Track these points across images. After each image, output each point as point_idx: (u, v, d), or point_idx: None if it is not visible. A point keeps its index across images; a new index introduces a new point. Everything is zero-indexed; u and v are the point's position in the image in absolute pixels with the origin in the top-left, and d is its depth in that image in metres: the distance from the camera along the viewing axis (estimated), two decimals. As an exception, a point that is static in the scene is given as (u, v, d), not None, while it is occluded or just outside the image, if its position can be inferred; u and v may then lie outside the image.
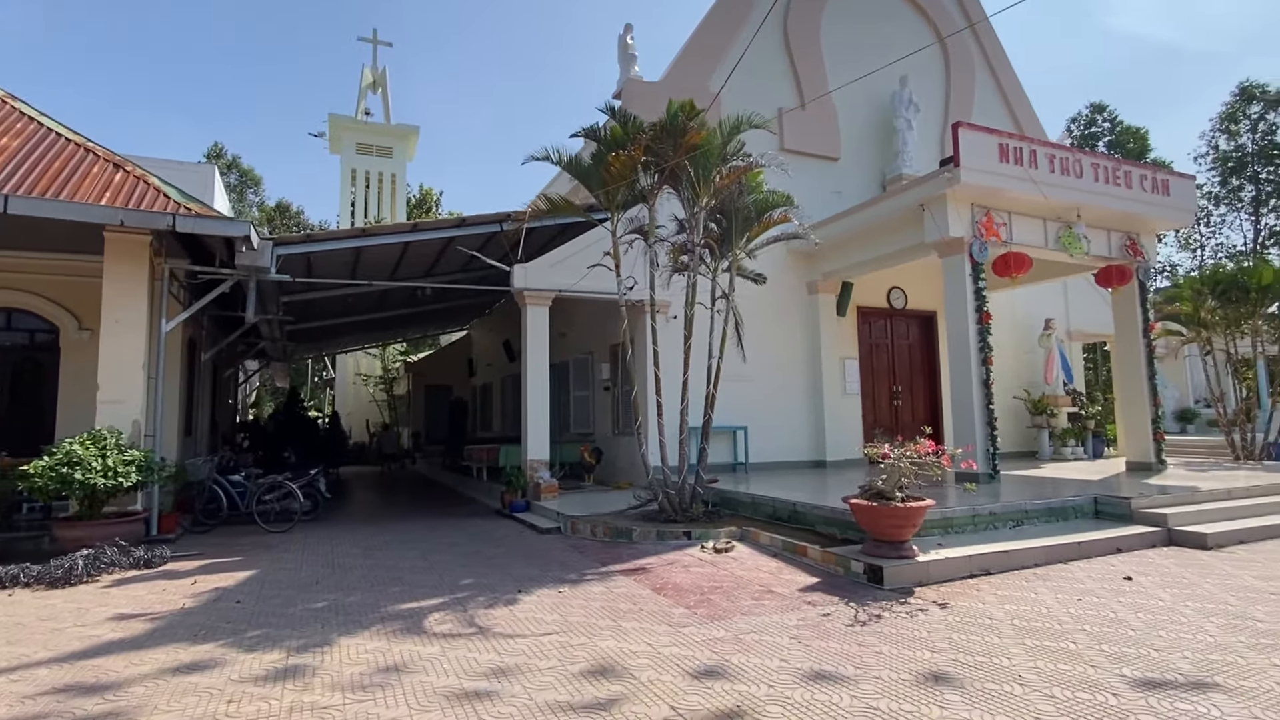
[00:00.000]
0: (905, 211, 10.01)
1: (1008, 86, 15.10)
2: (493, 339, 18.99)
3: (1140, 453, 10.68)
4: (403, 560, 6.84)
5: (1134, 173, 10.23)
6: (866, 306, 12.95)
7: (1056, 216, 9.85)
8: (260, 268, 8.80)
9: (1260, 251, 27.36)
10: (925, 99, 13.77)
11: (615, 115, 8.27)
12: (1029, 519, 7.09)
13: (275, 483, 9.26)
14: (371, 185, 31.06)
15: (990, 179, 8.98)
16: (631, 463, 10.58)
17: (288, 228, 38.74)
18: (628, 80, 11.79)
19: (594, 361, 13.09)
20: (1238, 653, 3.85)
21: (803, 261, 12.39)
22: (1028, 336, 14.06)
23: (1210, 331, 13.58)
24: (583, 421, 13.54)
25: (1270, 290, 12.84)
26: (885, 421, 12.69)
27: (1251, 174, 28.04)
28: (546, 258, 10.41)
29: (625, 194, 8.40)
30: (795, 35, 13.00)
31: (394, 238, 10.19)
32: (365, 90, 33.30)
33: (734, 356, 8.71)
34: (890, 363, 13.27)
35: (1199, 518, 7.17)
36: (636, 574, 5.97)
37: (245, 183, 40.94)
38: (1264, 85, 27.94)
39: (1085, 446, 13.51)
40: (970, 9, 14.69)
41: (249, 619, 4.81)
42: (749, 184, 8.54)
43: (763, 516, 7.89)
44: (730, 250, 8.65)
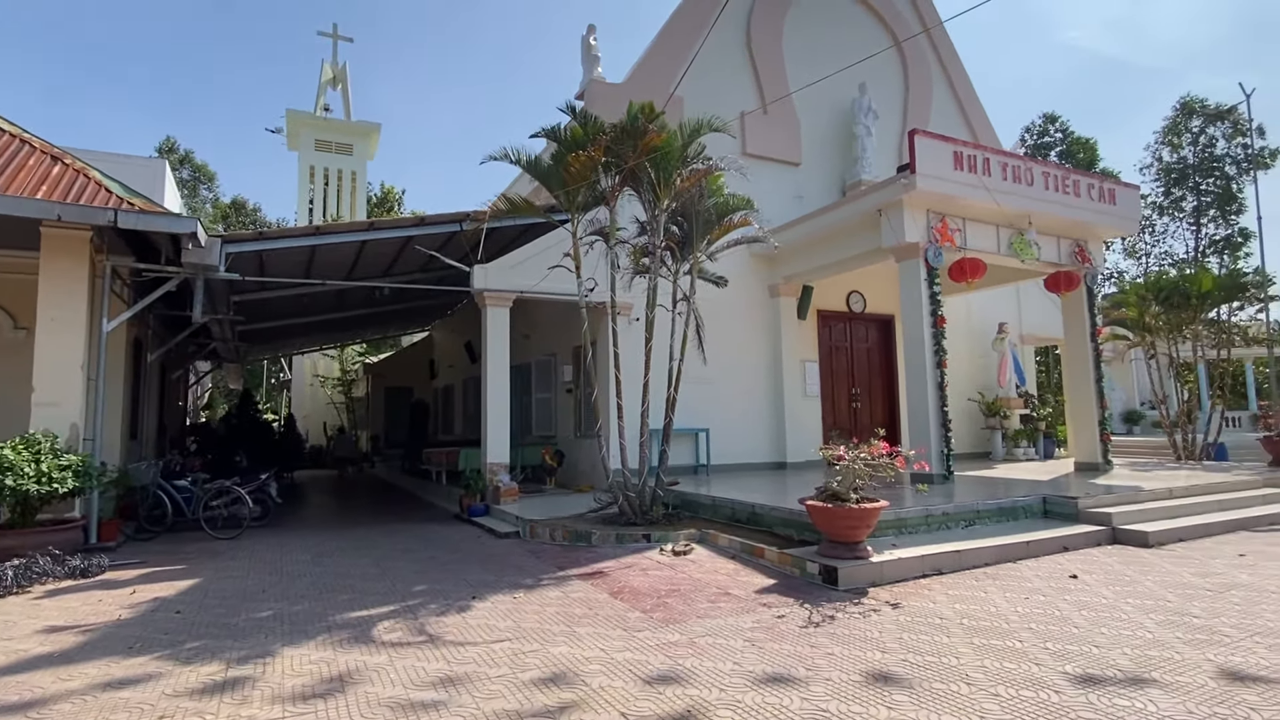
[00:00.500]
0: (864, 216, 10.16)
1: (964, 96, 15.46)
2: (455, 340, 18.75)
3: (1088, 453, 11.00)
4: (354, 567, 6.67)
5: (1082, 182, 10.55)
6: (826, 310, 13.11)
7: (1009, 223, 10.11)
8: (208, 266, 8.52)
9: (1201, 260, 28.49)
10: (884, 107, 14.02)
11: (575, 116, 8.22)
12: (980, 519, 7.23)
13: (223, 488, 8.96)
14: (331, 183, 30.46)
15: (945, 186, 9.16)
16: (593, 465, 10.53)
17: (243, 225, 37.73)
18: (590, 81, 11.75)
19: (557, 363, 13.00)
20: (1174, 648, 3.96)
21: (764, 265, 12.49)
22: (982, 340, 14.40)
23: (1154, 336, 14.09)
24: (545, 424, 13.43)
25: (1209, 297, 13.37)
26: (844, 423, 12.86)
27: (1193, 185, 29.17)
28: (507, 258, 10.30)
29: (586, 195, 8.35)
30: (758, 42, 13.11)
31: (350, 236, 9.97)
32: (325, 86, 32.68)
33: (695, 359, 8.73)
34: (850, 365, 13.45)
35: (1142, 516, 7.41)
36: (594, 578, 5.92)
37: (198, 178, 39.74)
38: (1204, 100, 29.11)
39: (1037, 447, 13.88)
40: (928, 18, 15.00)
41: (188, 630, 4.63)
42: (709, 187, 8.57)
43: (722, 518, 7.91)
44: (691, 253, 8.66)
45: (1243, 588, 5.22)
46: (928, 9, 15.16)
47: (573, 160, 7.73)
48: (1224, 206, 28.56)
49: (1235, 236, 28.35)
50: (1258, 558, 6.23)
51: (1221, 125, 28.59)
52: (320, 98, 32.66)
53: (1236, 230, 28.33)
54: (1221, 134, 28.74)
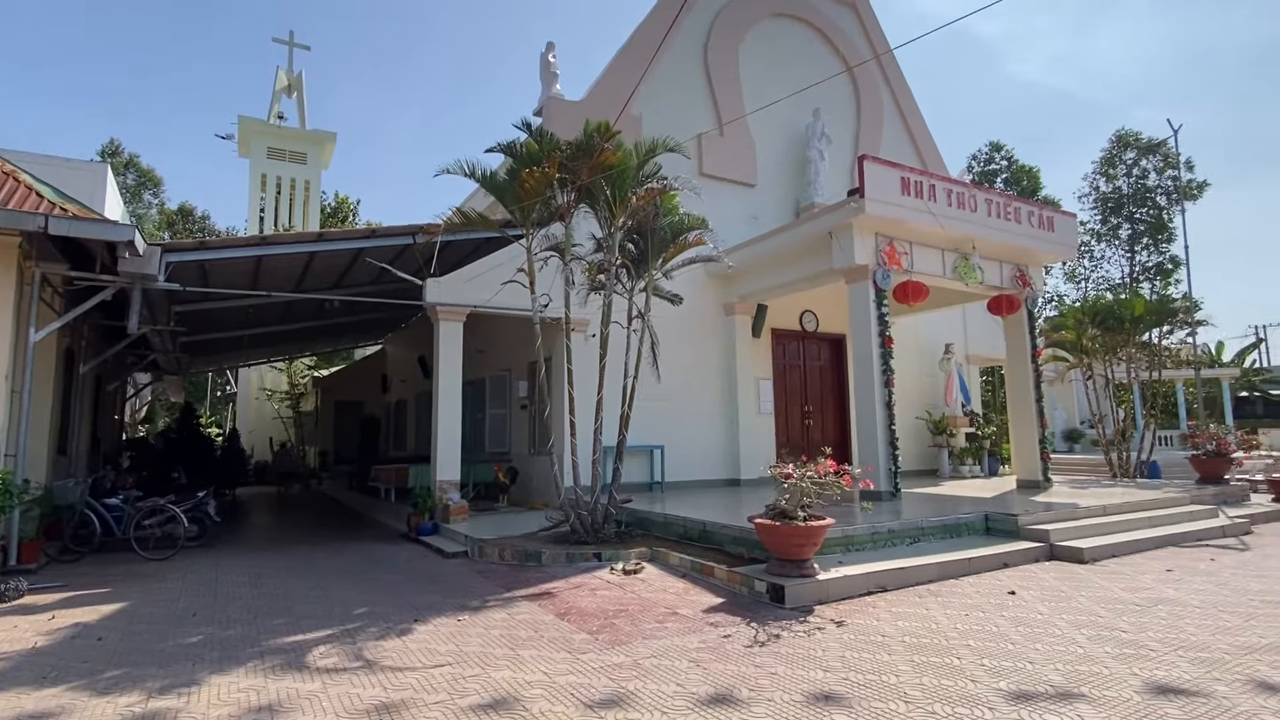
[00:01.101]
0: (816, 238, 10.37)
1: (913, 124, 15.98)
2: (408, 354, 18.42)
3: (1029, 471, 11.35)
4: (294, 589, 6.45)
5: (1023, 209, 10.97)
6: (780, 329, 13.30)
7: (954, 247, 10.44)
8: (146, 275, 8.22)
9: (1134, 285, 29.84)
10: (837, 132, 14.40)
11: (531, 132, 8.22)
12: (925, 536, 7.38)
13: (156, 506, 8.58)
14: (283, 192, 29.78)
15: (893, 210, 9.42)
16: (547, 483, 10.40)
17: (190, 232, 36.55)
18: (549, 98, 11.78)
19: (512, 379, 12.88)
20: (1103, 663, 4.09)
21: (720, 283, 12.63)
22: (930, 360, 14.79)
23: (1091, 358, 14.67)
24: (499, 440, 13.26)
25: (1141, 321, 14.00)
26: (797, 440, 13.02)
27: (1127, 214, 30.61)
28: (462, 272, 10.20)
29: (541, 211, 8.34)
30: (715, 65, 13.35)
31: (298, 247, 9.75)
32: (279, 94, 32.03)
33: (651, 376, 8.75)
34: (803, 383, 13.65)
35: (1078, 533, 7.66)
36: (541, 599, 5.84)
37: (144, 183, 38.38)
38: (1138, 134, 30.67)
39: (982, 465, 14.27)
40: (879, 47, 15.50)
41: (109, 658, 4.40)
42: (665, 206, 8.65)
43: (674, 536, 7.90)
44: (647, 270, 8.71)
45: (1169, 603, 5.43)
46: (879, 39, 15.67)
47: (527, 176, 7.72)
48: (1156, 235, 30.01)
49: (1166, 264, 29.79)
50: (1183, 573, 6.49)
51: (1153, 158, 30.13)
52: (275, 105, 31.98)
53: (1168, 258, 29.78)
54: (1153, 166, 30.28)
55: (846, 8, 15.65)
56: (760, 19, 14.21)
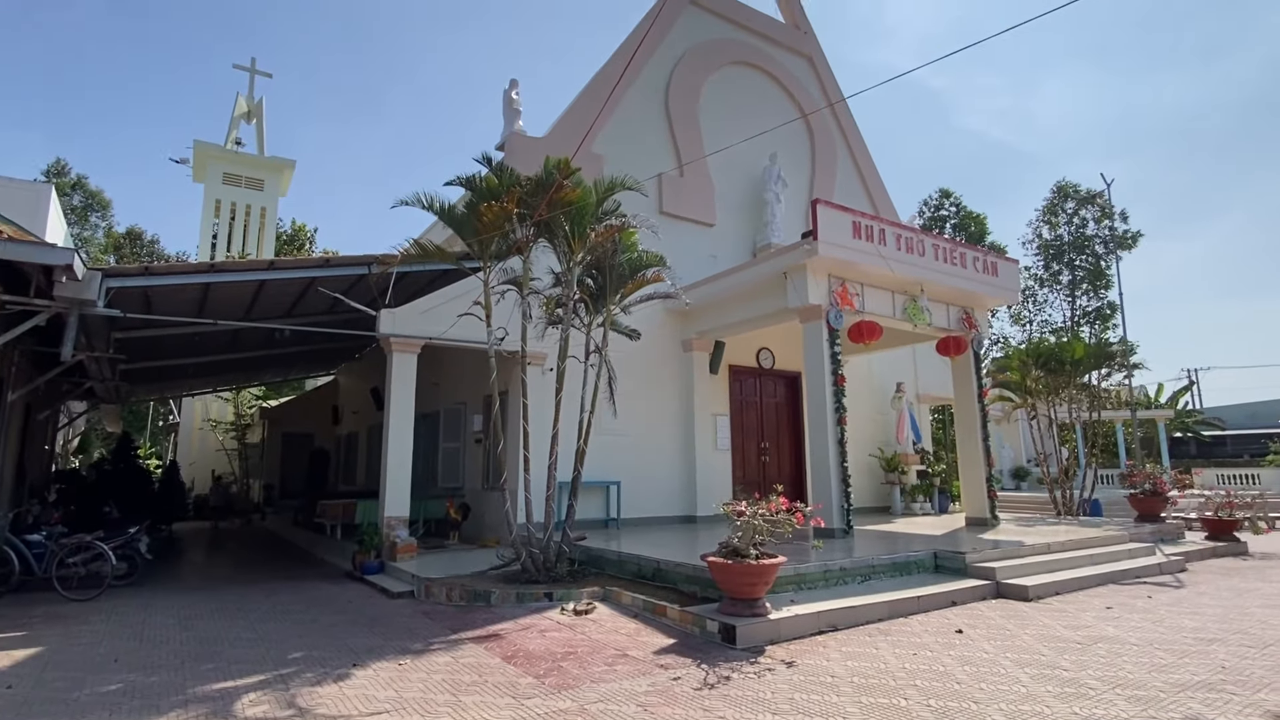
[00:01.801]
0: (771, 278, 10.58)
1: (865, 171, 16.57)
2: (361, 385, 18.03)
3: (977, 509, 11.58)
4: (227, 632, 6.14)
5: (968, 255, 11.40)
6: (738, 365, 13.44)
7: (903, 289, 10.75)
8: (84, 301, 7.90)
9: (1075, 329, 31.14)
10: (793, 176, 14.83)
11: (491, 166, 8.26)
12: (876, 574, 7.43)
13: (83, 543, 8.14)
14: (238, 218, 29.18)
15: (845, 253, 9.69)
16: (500, 519, 10.21)
17: (138, 257, 35.48)
18: (511, 134, 11.88)
19: (467, 412, 12.69)
20: (1044, 702, 4.14)
21: (678, 319, 12.74)
22: (882, 398, 15.09)
23: (1035, 398, 15.14)
24: (452, 475, 12.99)
25: (1081, 363, 14.54)
26: (754, 477, 13.07)
27: (1068, 260, 32.08)
28: (417, 304, 10.08)
29: (499, 244, 8.33)
30: (676, 108, 13.68)
31: (248, 275, 9.52)
32: (238, 119, 31.60)
33: (608, 411, 8.73)
34: (759, 420, 13.76)
35: (1023, 571, 7.81)
36: (488, 641, 5.68)
37: (91, 205, 37.27)
38: (1076, 185, 32.33)
39: (933, 502, 14.50)
40: (833, 96, 16.11)
41: (16, 708, 4.10)
42: (624, 243, 8.72)
43: (628, 575, 7.80)
44: (605, 305, 8.74)
45: (1108, 640, 5.55)
46: (833, 89, 16.31)
47: (486, 210, 7.73)
48: (1095, 281, 31.48)
49: (1105, 309, 31.19)
50: (1122, 610, 6.66)
51: (1091, 208, 31.76)
52: (233, 131, 31.51)
53: (1106, 303, 31.20)
54: (1091, 216, 31.90)
55: (802, 59, 16.27)
56: (720, 66, 14.66)
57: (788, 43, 16.08)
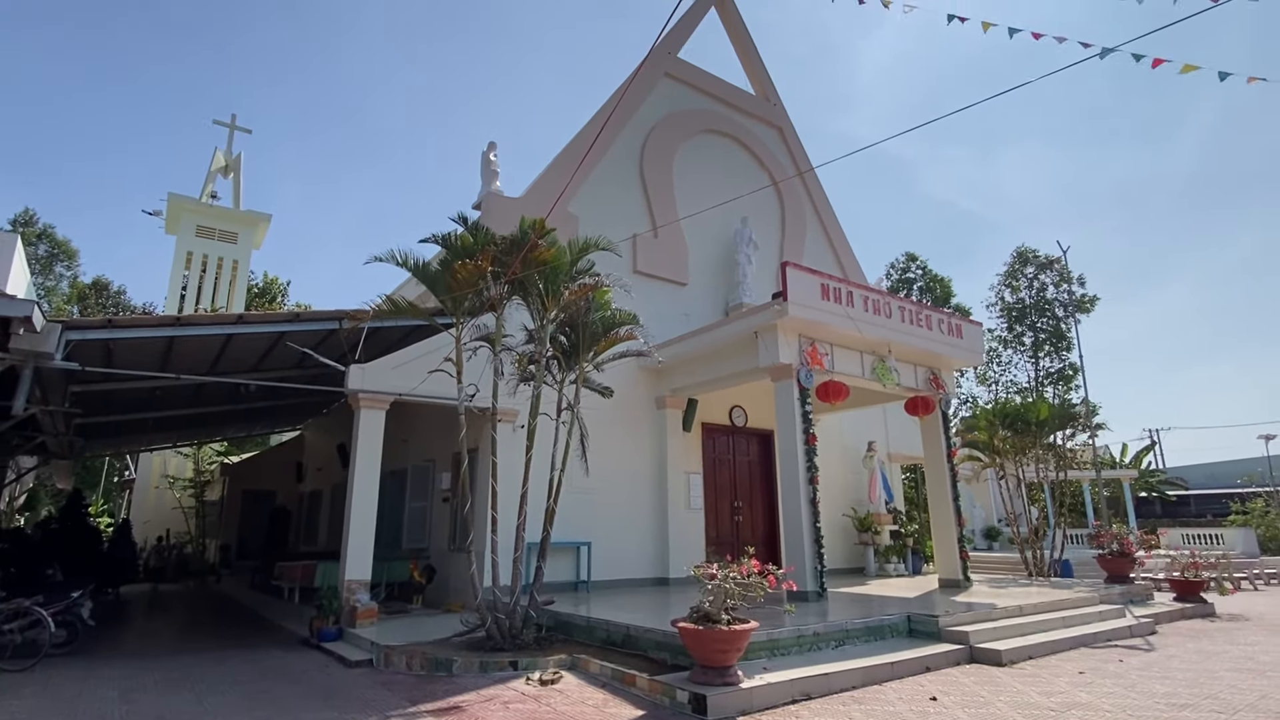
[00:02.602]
0: (743, 337, 10.71)
1: (833, 235, 17.08)
2: (327, 442, 17.64)
3: (950, 570, 11.54)
4: (170, 706, 5.79)
5: (933, 317, 11.69)
6: (711, 423, 13.45)
7: (871, 350, 10.95)
8: (41, 354, 7.70)
9: (1039, 389, 31.85)
10: (764, 238, 15.21)
11: (466, 225, 8.34)
12: (850, 638, 7.31)
13: (19, 609, 7.68)
14: (209, 270, 28.93)
15: (814, 314, 9.89)
16: (467, 582, 9.90)
17: (103, 308, 34.86)
18: (488, 194, 12.06)
19: (435, 470, 12.45)
20: (1020, 774, 4.04)
21: (651, 377, 12.78)
22: (854, 458, 15.16)
23: (1003, 458, 15.33)
24: (418, 535, 12.64)
25: (1046, 424, 14.81)
26: (727, 537, 12.92)
27: (1030, 323, 33.07)
28: (388, 359, 9.98)
29: (473, 301, 8.35)
30: (650, 171, 14.06)
31: (215, 329, 9.38)
32: (215, 173, 31.71)
33: (579, 470, 8.61)
34: (732, 479, 13.70)
35: (996, 634, 7.74)
36: (448, 714, 5.42)
37: (56, 255, 36.73)
38: (1035, 251, 33.61)
39: (906, 563, 14.43)
40: (802, 164, 16.72)
41: (-71, 796, 3.79)
42: (597, 301, 8.80)
43: (597, 641, 7.57)
44: (578, 363, 8.74)
45: (1081, 707, 5.48)
46: (801, 158, 16.95)
47: (460, 268, 7.77)
48: (1056, 343, 32.40)
49: (1067, 370, 32.01)
50: (1095, 675, 6.60)
51: (1050, 273, 32.95)
52: (209, 184, 31.54)
53: (1067, 364, 32.04)
54: (1050, 280, 33.06)
55: (772, 129, 16.93)
56: (694, 134, 15.17)
57: (758, 113, 16.74)
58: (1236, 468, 36.64)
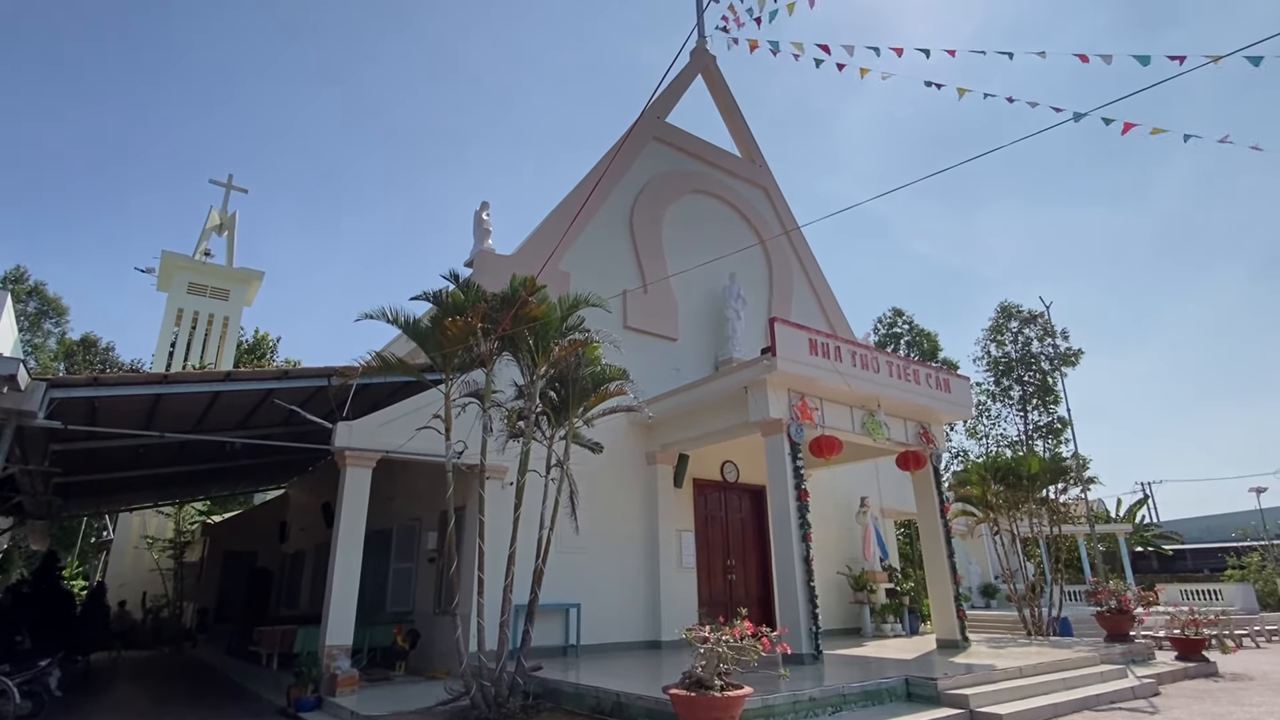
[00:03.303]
0: (733, 392, 10.73)
1: (821, 291, 17.35)
2: (312, 500, 17.31)
3: (947, 630, 11.30)
4: (135, 783, 5.50)
5: (921, 371, 11.78)
6: (702, 479, 13.32)
7: (861, 405, 10.98)
8: (24, 412, 7.61)
9: (1029, 443, 31.88)
10: (752, 294, 15.42)
11: (458, 282, 8.42)
12: (847, 703, 7.09)
13: (-17, 680, 7.38)
14: (199, 327, 28.94)
15: (803, 369, 9.94)
16: (452, 647, 9.59)
17: (91, 364, 34.62)
18: (480, 251, 12.23)
19: (421, 529, 12.21)
20: None
21: (642, 432, 12.71)
22: (847, 514, 15.01)
23: (996, 513, 15.21)
24: (403, 598, 12.30)
25: (1038, 478, 14.77)
26: (720, 597, 12.65)
27: (1017, 377, 33.34)
28: (375, 416, 9.91)
29: (463, 357, 8.35)
30: (640, 228, 14.33)
31: (202, 386, 9.32)
32: (209, 231, 32.06)
33: (568, 528, 8.47)
34: (724, 536, 13.49)
35: (996, 697, 7.53)
36: (430, 788, 5.17)
37: (45, 311, 36.69)
38: (1019, 306, 34.17)
39: (903, 622, 14.13)
40: (787, 222, 17.11)
41: None
42: (587, 357, 8.83)
43: (586, 709, 7.31)
44: (567, 418, 8.70)
45: (1087, 775, 5.30)
46: (787, 217, 17.37)
47: (450, 325, 7.80)
48: (1044, 396, 32.60)
49: (1055, 423, 32.13)
50: (1099, 740, 6.41)
51: (1034, 327, 33.42)
52: (203, 242, 31.84)
53: (1056, 418, 32.18)
54: (1035, 335, 33.51)
55: (759, 190, 17.38)
56: (682, 194, 15.55)
57: (744, 175, 17.21)
58: (1231, 521, 36.55)
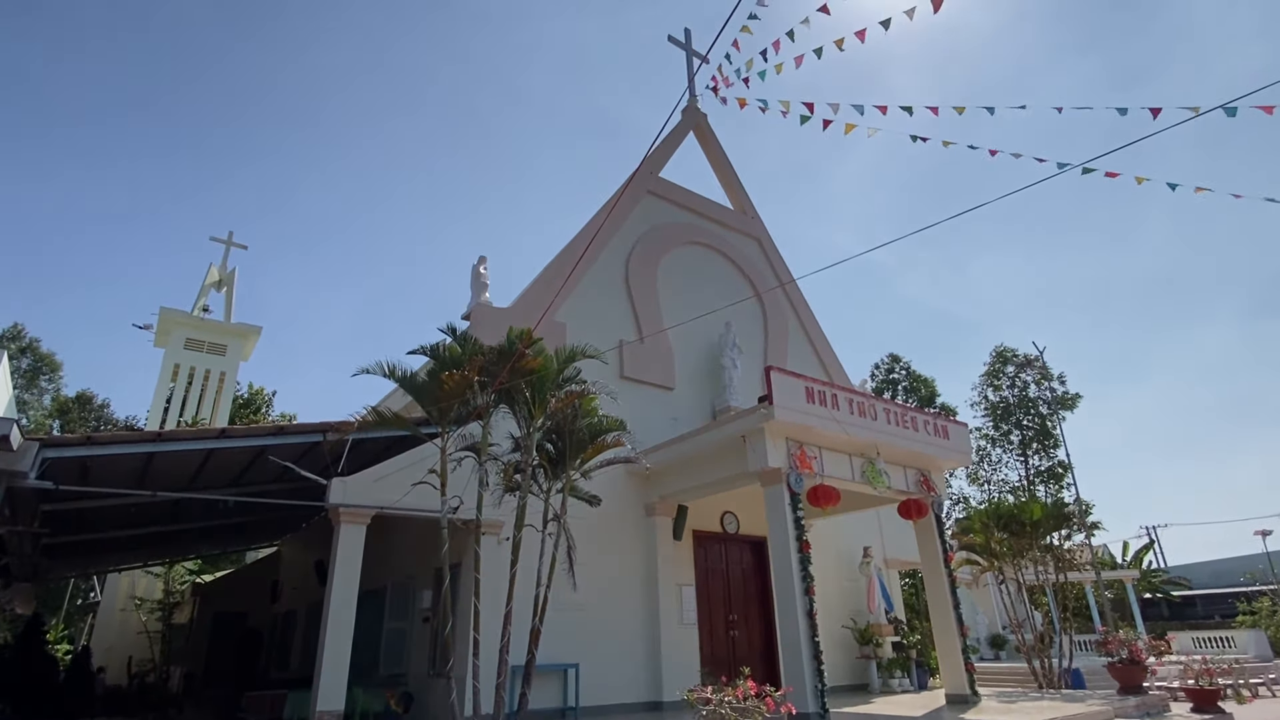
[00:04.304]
0: (730, 441, 10.68)
1: (816, 339, 17.47)
2: (305, 558, 17.00)
3: (956, 684, 11.00)
4: None
5: (919, 418, 11.77)
6: (702, 530, 13.13)
7: (860, 452, 10.93)
8: (15, 472, 7.54)
9: (1030, 487, 31.63)
10: (748, 343, 15.50)
11: (455, 336, 8.47)
12: (856, 766, 6.85)
13: (-41, 754, 7.10)
14: (195, 382, 28.87)
15: (800, 417, 9.93)
16: (446, 710, 9.29)
17: (85, 421, 34.45)
18: (477, 305, 12.33)
19: (415, 587, 11.96)
20: None
21: (640, 483, 12.60)
22: (850, 565, 14.76)
23: (1001, 561, 14.97)
24: (396, 659, 11.97)
25: (1041, 524, 14.59)
26: (722, 654, 12.32)
27: (1016, 421, 33.29)
28: (370, 472, 9.81)
29: (459, 410, 8.34)
30: (635, 280, 14.50)
31: (197, 444, 9.27)
32: (208, 287, 32.26)
33: (566, 584, 8.31)
34: (726, 589, 13.22)
35: (1010, 756, 7.29)
36: None
37: (40, 368, 36.68)
38: (1014, 350, 34.35)
39: (911, 677, 13.75)
40: (781, 274, 17.34)
41: None
42: (584, 408, 8.82)
43: (585, 775, 7.04)
44: (564, 471, 8.65)
45: (1108, 839, 5.09)
46: (781, 268, 17.62)
47: (447, 378, 7.82)
48: (1043, 440, 32.50)
49: (1056, 468, 31.95)
50: (1119, 801, 6.17)
51: (1030, 371, 33.53)
52: (201, 298, 32.00)
53: (1057, 462, 32.01)
54: (1031, 379, 33.60)
55: (752, 240, 17.67)
56: (677, 245, 15.78)
57: (737, 226, 17.52)
58: (1239, 565, 35.99)
